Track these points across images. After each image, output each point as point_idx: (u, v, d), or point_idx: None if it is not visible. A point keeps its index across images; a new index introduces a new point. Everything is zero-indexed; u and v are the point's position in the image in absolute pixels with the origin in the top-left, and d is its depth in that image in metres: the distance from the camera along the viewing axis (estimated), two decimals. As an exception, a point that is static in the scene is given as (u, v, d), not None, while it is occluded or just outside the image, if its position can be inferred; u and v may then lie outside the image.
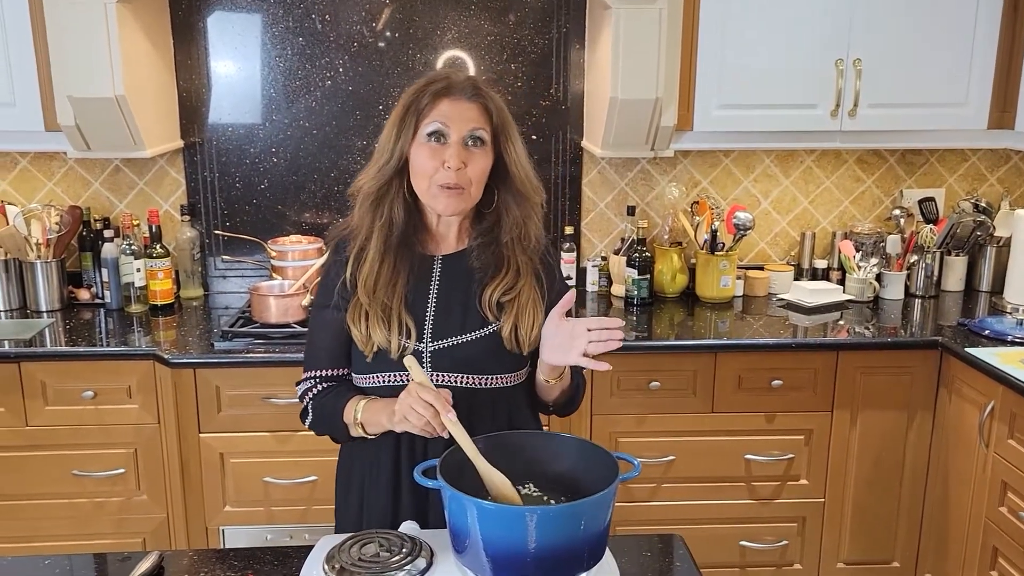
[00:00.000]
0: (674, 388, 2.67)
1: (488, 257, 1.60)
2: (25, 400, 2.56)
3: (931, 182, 3.28)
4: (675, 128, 2.81)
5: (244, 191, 3.10)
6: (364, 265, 1.58)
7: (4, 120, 2.68)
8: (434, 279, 1.62)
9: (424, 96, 1.54)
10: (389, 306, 1.56)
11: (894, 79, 2.80)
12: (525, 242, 1.61)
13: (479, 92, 1.56)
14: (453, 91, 1.54)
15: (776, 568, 2.84)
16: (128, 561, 1.51)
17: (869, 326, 2.85)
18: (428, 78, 1.57)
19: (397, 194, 1.58)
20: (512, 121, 1.60)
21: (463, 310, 1.59)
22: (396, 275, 1.58)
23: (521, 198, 1.60)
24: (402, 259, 1.59)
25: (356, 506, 1.68)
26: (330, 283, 1.63)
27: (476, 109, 1.55)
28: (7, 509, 2.63)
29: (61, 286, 2.94)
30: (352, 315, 1.58)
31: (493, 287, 1.58)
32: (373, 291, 1.57)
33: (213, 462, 2.60)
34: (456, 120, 1.53)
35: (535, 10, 3.03)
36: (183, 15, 2.96)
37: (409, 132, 1.54)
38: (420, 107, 1.53)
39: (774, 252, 3.32)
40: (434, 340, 1.58)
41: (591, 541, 1.29)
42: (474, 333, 1.58)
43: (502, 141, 1.57)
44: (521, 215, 1.60)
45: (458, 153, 1.52)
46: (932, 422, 2.74)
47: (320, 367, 1.65)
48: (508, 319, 1.57)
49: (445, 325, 1.59)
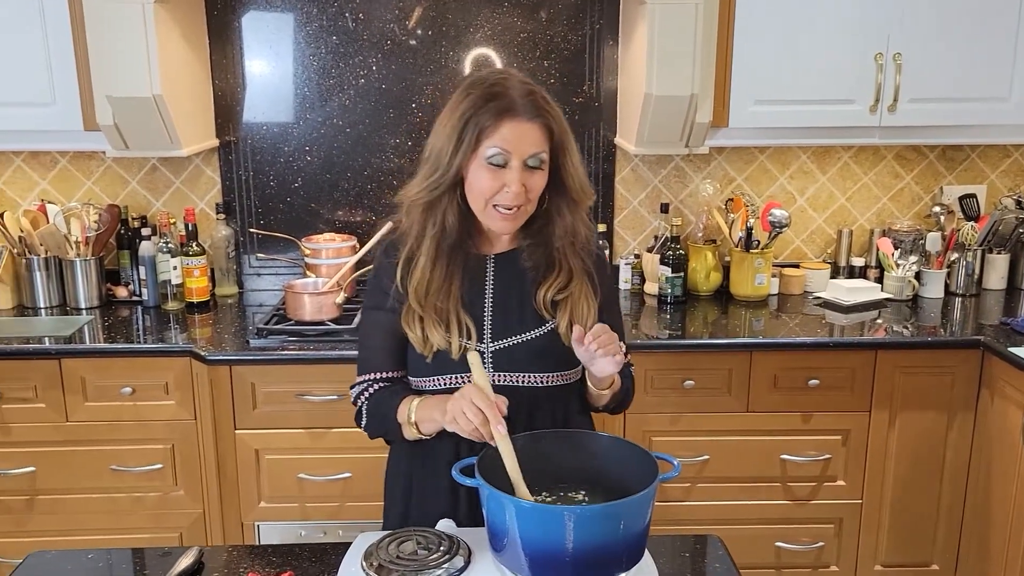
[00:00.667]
0: (709, 387, 2.65)
1: (539, 257, 1.60)
2: (66, 396, 2.60)
3: (972, 178, 3.22)
4: (710, 124, 2.79)
5: (278, 189, 3.12)
6: (415, 271, 1.57)
7: (44, 120, 2.72)
8: (489, 279, 1.61)
9: (484, 114, 1.48)
10: (445, 308, 1.55)
11: (935, 73, 2.75)
12: (577, 244, 1.60)
13: (540, 111, 1.50)
14: (516, 111, 1.48)
15: (812, 570, 2.80)
16: (169, 556, 1.53)
17: (908, 325, 2.81)
18: (487, 90, 1.49)
19: (451, 203, 1.55)
20: (569, 131, 1.56)
21: (520, 308, 1.59)
22: (450, 278, 1.57)
23: (574, 204, 1.59)
24: (455, 261, 1.57)
25: (405, 506, 1.67)
26: (382, 285, 1.62)
27: (538, 130, 1.50)
28: (48, 503, 2.67)
29: (100, 284, 2.98)
30: (406, 319, 1.57)
31: (547, 286, 1.58)
32: (425, 296, 1.56)
33: (248, 458, 2.62)
34: (518, 145, 1.48)
35: (568, 6, 3.01)
36: (218, 15, 2.98)
37: (468, 150, 1.49)
38: (481, 125, 1.48)
39: (810, 250, 3.28)
40: (495, 340, 1.58)
41: (630, 542, 1.28)
42: (534, 331, 1.58)
43: (560, 155, 1.55)
44: (573, 220, 1.59)
45: (519, 178, 1.49)
46: (973, 423, 2.69)
47: (374, 370, 1.64)
48: (563, 315, 1.57)
49: (504, 324, 1.58)
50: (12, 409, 2.60)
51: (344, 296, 2.73)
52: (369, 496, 2.65)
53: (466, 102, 1.50)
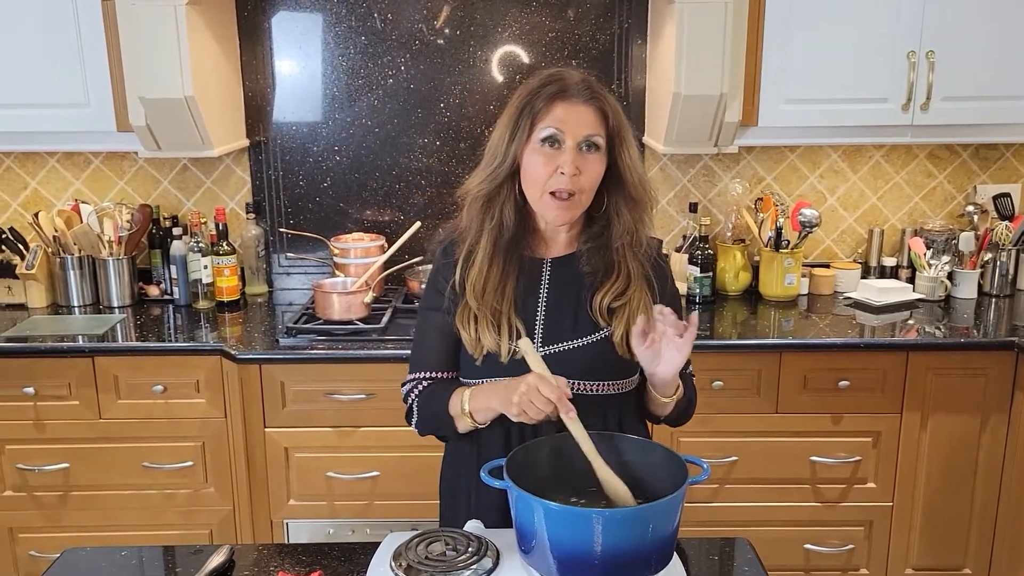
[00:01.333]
0: (738, 388, 2.63)
1: (598, 261, 1.57)
2: (99, 393, 2.64)
3: (1006, 177, 3.17)
4: (739, 123, 2.77)
5: (307, 189, 3.14)
6: (473, 268, 1.56)
7: (78, 121, 2.76)
8: (543, 282, 1.60)
9: (538, 99, 1.49)
10: (499, 310, 1.55)
11: (968, 72, 2.71)
12: (636, 247, 1.57)
13: (596, 95, 1.51)
14: (569, 94, 1.49)
15: (842, 572, 2.78)
16: (200, 554, 1.55)
17: (940, 326, 2.77)
18: (542, 79, 1.52)
19: (508, 197, 1.55)
20: (627, 124, 1.55)
21: (574, 314, 1.57)
22: (505, 278, 1.56)
23: (633, 203, 1.56)
24: (511, 262, 1.57)
25: (464, 504, 1.66)
26: (439, 286, 1.62)
27: (592, 113, 1.50)
28: (82, 499, 2.72)
29: (132, 282, 3.02)
30: (461, 318, 1.57)
31: (603, 292, 1.55)
32: (482, 294, 1.55)
33: (278, 456, 2.64)
34: (572, 125, 1.48)
35: (596, 5, 3.00)
36: (248, 16, 3.01)
37: (523, 136, 1.50)
38: (535, 110, 1.49)
39: (841, 249, 3.24)
40: (545, 344, 1.56)
41: (659, 545, 1.28)
42: (586, 338, 1.56)
43: (616, 145, 1.52)
44: (632, 220, 1.56)
45: (573, 159, 1.48)
46: (1007, 425, 2.65)
47: (426, 369, 1.64)
48: (619, 324, 1.54)
49: (556, 329, 1.57)
50: (47, 406, 2.65)
51: (372, 295, 2.75)
52: (397, 495, 2.66)
53: (521, 96, 1.52)
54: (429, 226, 3.11)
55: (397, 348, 2.56)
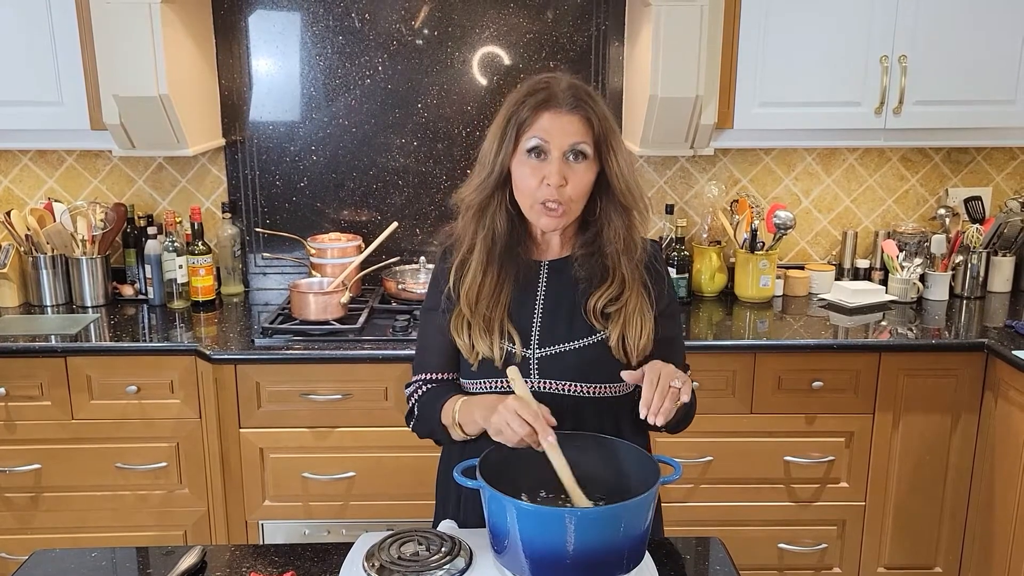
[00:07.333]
0: (712, 388, 2.65)
1: (592, 267, 1.57)
2: (71, 393, 2.61)
3: (977, 180, 3.22)
4: (715, 126, 2.79)
5: (284, 189, 3.13)
6: (467, 276, 1.57)
7: (52, 119, 2.73)
8: (541, 285, 1.60)
9: (524, 108, 1.49)
10: (491, 317, 1.55)
11: (940, 76, 2.74)
12: (630, 252, 1.56)
13: (581, 102, 1.50)
14: (554, 103, 1.48)
15: (815, 572, 2.80)
16: (172, 555, 1.54)
17: (912, 327, 2.81)
18: (529, 87, 1.52)
19: (500, 206, 1.55)
20: (615, 129, 1.54)
21: (570, 317, 1.57)
22: (500, 285, 1.56)
23: (623, 209, 1.55)
24: (506, 268, 1.57)
25: (457, 508, 1.65)
26: (439, 288, 1.63)
27: (578, 122, 1.49)
28: (54, 500, 2.69)
29: (106, 282, 2.99)
30: (455, 325, 1.57)
31: (598, 296, 1.55)
32: (475, 303, 1.55)
33: (253, 457, 2.63)
34: (556, 135, 1.47)
35: (574, 7, 3.01)
36: (225, 14, 2.99)
37: (510, 146, 1.50)
38: (520, 120, 1.49)
39: (815, 251, 3.27)
40: (542, 346, 1.56)
41: (631, 544, 1.28)
42: (582, 340, 1.56)
43: (604, 152, 1.51)
44: (623, 226, 1.55)
45: (559, 169, 1.47)
46: (977, 426, 2.69)
47: (429, 370, 1.65)
48: (615, 328, 1.54)
49: (553, 331, 1.57)
50: (18, 407, 2.62)
51: (349, 296, 2.74)
52: (373, 496, 2.66)
53: (509, 105, 1.52)
54: (406, 226, 3.11)
55: (374, 348, 2.56)
